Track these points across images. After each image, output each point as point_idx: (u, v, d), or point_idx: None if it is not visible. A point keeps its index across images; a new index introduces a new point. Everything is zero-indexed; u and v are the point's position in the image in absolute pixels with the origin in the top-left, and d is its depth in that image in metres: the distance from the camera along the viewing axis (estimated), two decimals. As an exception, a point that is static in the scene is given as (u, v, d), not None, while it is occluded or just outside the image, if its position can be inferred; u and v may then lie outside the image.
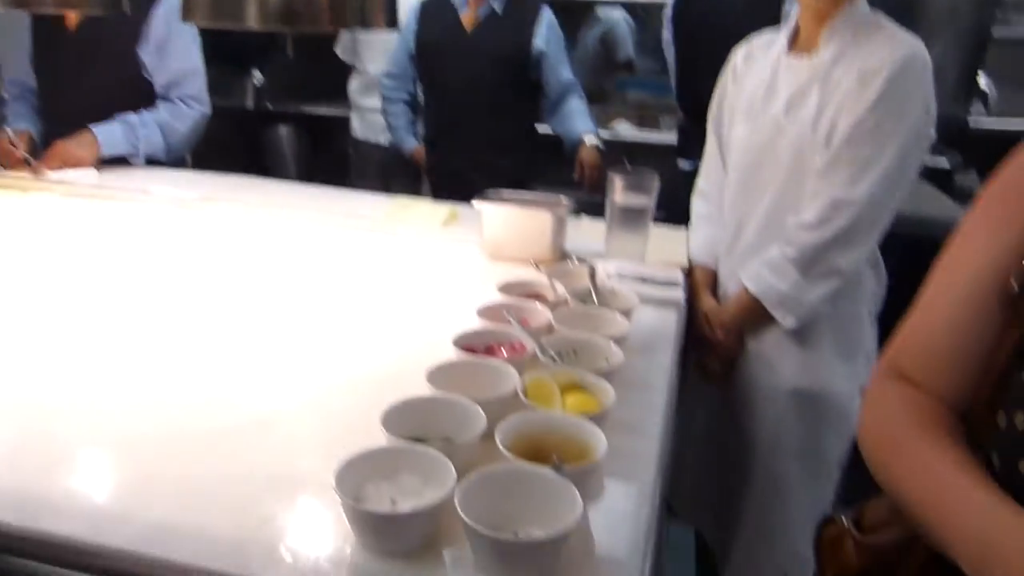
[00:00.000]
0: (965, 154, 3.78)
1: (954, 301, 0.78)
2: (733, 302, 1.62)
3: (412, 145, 3.02)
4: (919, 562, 0.77)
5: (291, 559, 0.80)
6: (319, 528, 0.85)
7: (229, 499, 0.89)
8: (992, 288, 0.74)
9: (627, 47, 4.11)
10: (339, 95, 4.20)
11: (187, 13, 1.17)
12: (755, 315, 1.58)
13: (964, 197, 3.93)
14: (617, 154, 3.66)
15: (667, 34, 2.67)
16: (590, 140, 2.85)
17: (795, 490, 1.64)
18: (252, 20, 1.09)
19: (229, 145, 3.29)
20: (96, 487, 0.92)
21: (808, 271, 1.49)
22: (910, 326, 0.83)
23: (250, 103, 4.13)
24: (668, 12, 2.64)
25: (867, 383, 1.50)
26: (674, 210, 2.57)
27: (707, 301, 1.68)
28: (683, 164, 2.62)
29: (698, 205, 1.80)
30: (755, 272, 1.56)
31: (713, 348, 1.66)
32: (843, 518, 0.87)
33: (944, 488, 0.68)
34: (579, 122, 2.88)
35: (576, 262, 1.59)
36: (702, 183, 1.80)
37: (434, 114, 2.89)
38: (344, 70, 4.00)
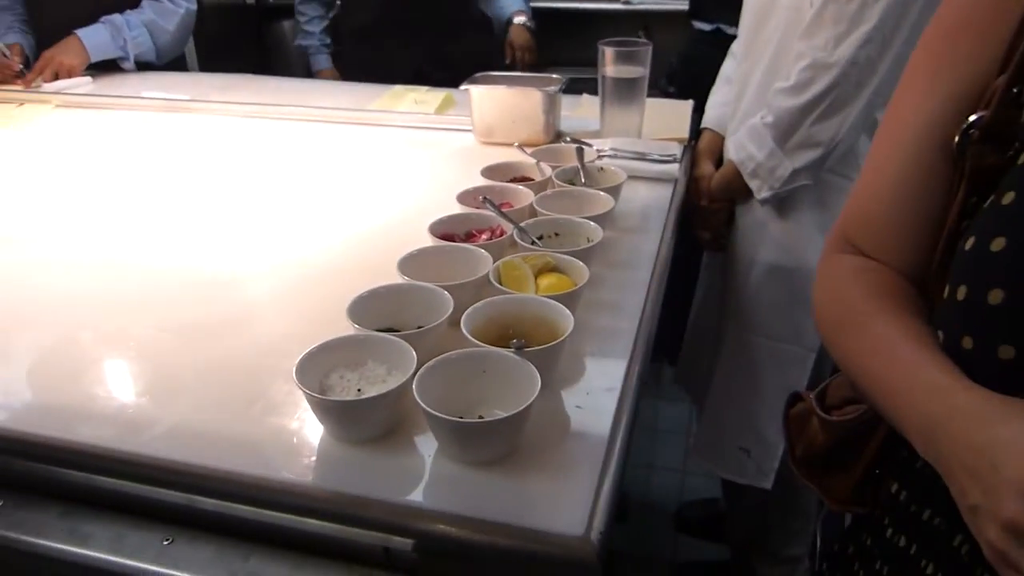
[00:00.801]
0: None
1: (899, 161, 0.72)
2: (720, 170, 1.56)
3: (322, 67, 2.87)
4: (880, 439, 0.76)
5: (261, 449, 0.81)
6: (290, 418, 0.85)
7: (204, 392, 0.91)
8: (937, 144, 0.68)
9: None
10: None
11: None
12: (737, 184, 1.51)
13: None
14: (632, 25, 3.54)
15: None
16: (519, 20, 2.73)
17: (763, 369, 1.60)
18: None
19: (231, 43, 3.22)
20: (95, 391, 0.94)
21: (784, 140, 1.40)
22: (856, 191, 0.78)
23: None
24: None
25: None
26: (693, 73, 2.49)
27: (701, 168, 1.62)
28: (699, 25, 2.50)
29: (725, 66, 1.72)
30: (737, 139, 1.50)
31: (700, 217, 1.62)
32: (809, 396, 0.85)
33: (892, 365, 0.64)
34: (506, 1, 2.75)
35: (569, 142, 1.55)
36: (735, 44, 1.70)
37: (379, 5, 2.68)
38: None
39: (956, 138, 0.66)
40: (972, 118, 0.65)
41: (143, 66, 2.37)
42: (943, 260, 0.67)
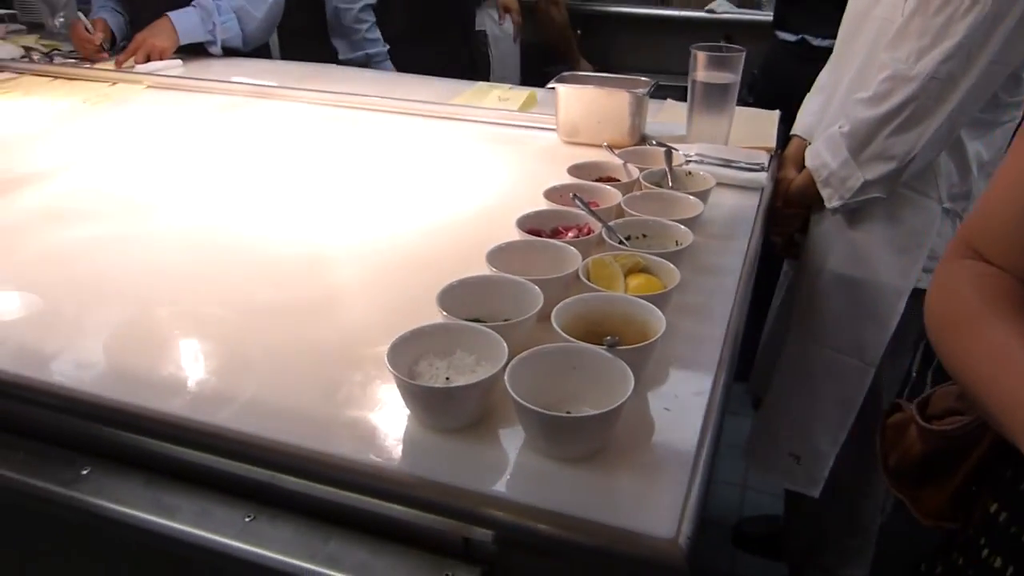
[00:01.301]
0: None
1: None
2: (800, 176, 1.53)
3: None
4: (981, 454, 0.73)
5: (349, 432, 0.81)
6: (379, 403, 0.86)
7: (293, 375, 0.91)
8: None
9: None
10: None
11: None
12: (813, 191, 1.48)
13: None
14: (715, 33, 3.50)
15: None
16: None
17: (821, 378, 1.58)
18: None
19: (313, 32, 3.26)
20: (183, 364, 0.96)
21: (859, 151, 1.38)
22: (986, 201, 0.76)
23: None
24: None
25: (926, 282, 1.42)
26: (775, 84, 2.45)
27: (785, 171, 1.60)
28: (784, 35, 2.46)
29: (822, 75, 1.70)
30: (815, 146, 1.48)
31: (775, 221, 1.59)
32: (910, 405, 0.83)
33: (1006, 371, 0.62)
34: None
35: (654, 144, 1.53)
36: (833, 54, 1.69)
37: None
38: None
39: None
40: None
41: (229, 52, 2.42)
42: None
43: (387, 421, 0.83)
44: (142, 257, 1.22)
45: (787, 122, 1.81)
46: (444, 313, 0.88)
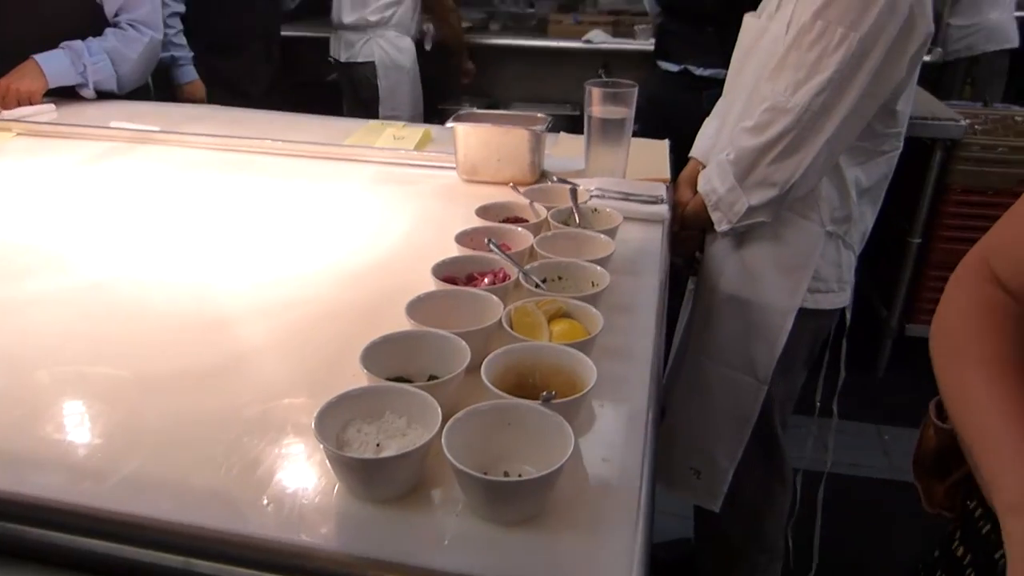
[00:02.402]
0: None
1: None
2: (694, 199, 1.60)
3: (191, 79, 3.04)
4: None
5: (274, 509, 0.76)
6: (302, 474, 0.81)
7: (206, 446, 0.85)
8: None
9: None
10: (304, 15, 4.06)
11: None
12: (706, 215, 1.55)
13: (947, 93, 3.89)
14: (592, 63, 3.58)
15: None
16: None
17: (716, 395, 1.65)
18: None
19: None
20: (69, 440, 0.88)
21: (743, 177, 1.45)
22: (1009, 216, 0.78)
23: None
24: None
25: (812, 302, 1.49)
26: (662, 114, 2.52)
27: (680, 194, 1.66)
28: (666, 66, 2.54)
29: (719, 102, 1.76)
30: (706, 172, 1.55)
31: (674, 242, 1.64)
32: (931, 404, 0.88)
33: (980, 429, 0.67)
34: None
35: (555, 181, 1.54)
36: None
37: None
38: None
39: None
40: None
41: (105, 94, 2.30)
42: None
43: (315, 494, 0.78)
44: (17, 319, 1.12)
45: (676, 151, 1.87)
46: (368, 374, 0.85)
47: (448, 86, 3.45)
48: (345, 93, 3.42)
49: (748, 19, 1.62)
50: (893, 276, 2.94)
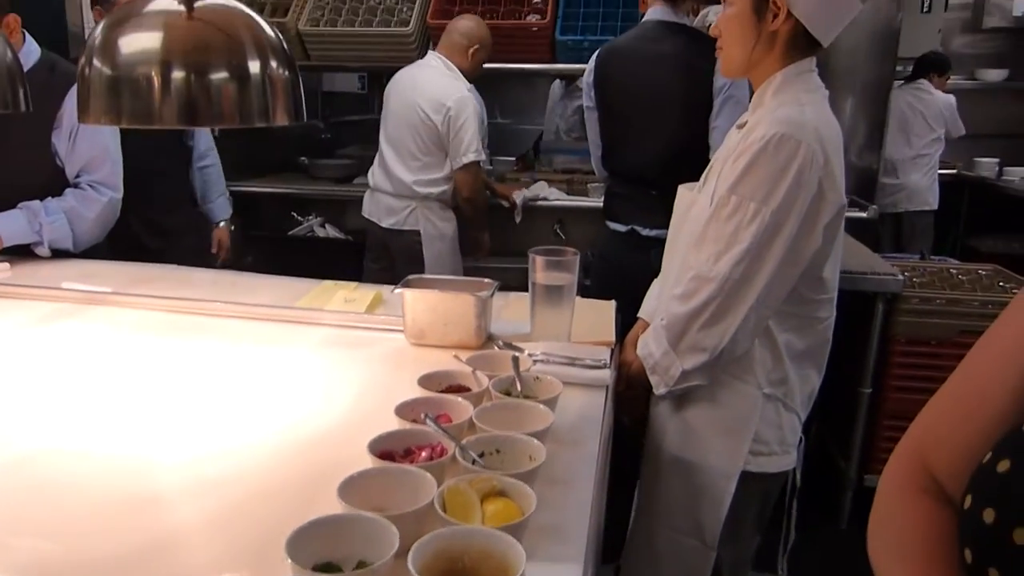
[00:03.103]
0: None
1: (986, 393, 0.74)
2: (637, 361, 1.63)
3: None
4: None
5: None
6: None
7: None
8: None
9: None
10: (265, 171, 4.19)
11: (83, 113, 1.14)
12: (647, 377, 1.58)
13: (881, 246, 4.07)
14: (548, 221, 3.70)
15: (588, 101, 2.69)
16: (223, 224, 3.31)
17: (665, 559, 1.64)
18: (159, 119, 1.06)
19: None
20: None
21: (676, 343, 1.50)
22: (939, 409, 0.79)
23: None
24: (589, 79, 2.66)
25: (755, 465, 1.49)
26: (611, 271, 2.59)
27: (626, 354, 1.70)
28: (614, 226, 2.63)
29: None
30: (645, 336, 1.60)
31: (621, 402, 1.66)
32: None
33: None
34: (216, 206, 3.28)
35: (501, 346, 1.57)
36: None
37: None
38: (267, 146, 3.99)
39: None
40: None
41: (60, 251, 2.32)
42: None
43: None
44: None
45: (623, 310, 1.92)
46: (293, 565, 0.83)
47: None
48: (371, 252, 3.39)
49: (681, 190, 1.71)
50: (848, 427, 2.97)
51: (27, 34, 2.26)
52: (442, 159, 3.14)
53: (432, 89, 3.08)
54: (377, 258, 3.36)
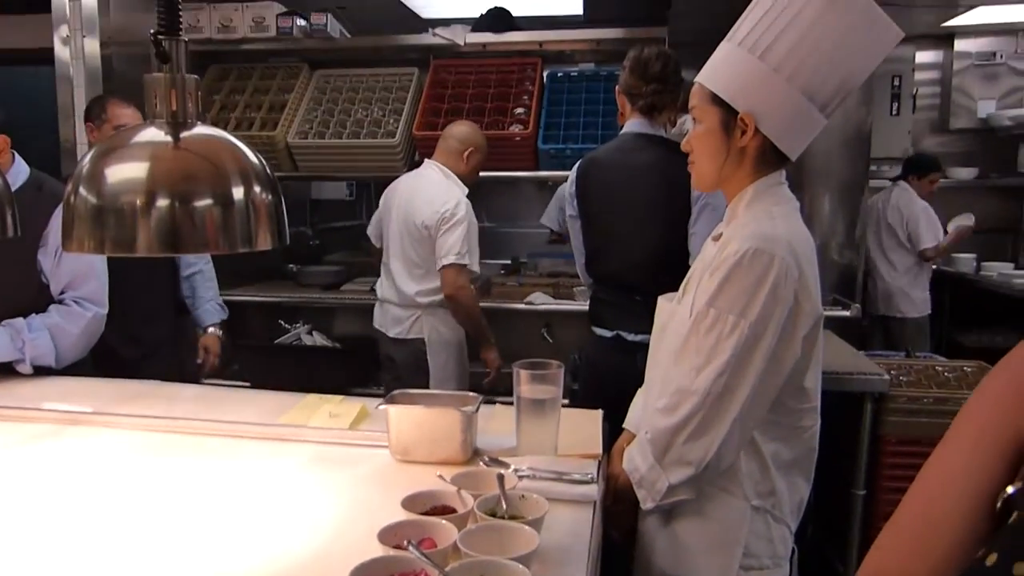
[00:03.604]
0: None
1: (940, 524, 0.72)
2: (623, 474, 1.60)
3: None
4: None
5: None
6: None
7: None
8: (975, 510, 0.69)
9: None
10: (253, 279, 4.22)
11: (67, 240, 1.15)
12: (633, 490, 1.56)
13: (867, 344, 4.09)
14: (535, 324, 3.72)
15: (571, 210, 2.73)
16: (212, 330, 3.27)
17: None
18: (142, 248, 1.07)
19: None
20: None
21: (661, 456, 1.49)
22: (893, 542, 0.77)
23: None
24: (571, 189, 2.70)
25: None
26: (597, 376, 2.59)
27: (613, 467, 1.68)
28: (600, 331, 2.64)
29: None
30: (630, 449, 1.58)
31: (609, 516, 1.63)
32: None
33: None
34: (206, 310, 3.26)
35: (487, 462, 1.55)
36: None
37: None
38: (255, 254, 4.00)
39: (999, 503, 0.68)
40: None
41: (42, 368, 2.30)
42: None
43: None
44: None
45: (609, 419, 1.90)
46: None
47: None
48: (385, 365, 3.38)
49: (661, 301, 1.72)
50: (844, 530, 2.92)
51: (16, 154, 2.30)
52: None
53: (428, 197, 3.13)
54: (387, 368, 3.36)
